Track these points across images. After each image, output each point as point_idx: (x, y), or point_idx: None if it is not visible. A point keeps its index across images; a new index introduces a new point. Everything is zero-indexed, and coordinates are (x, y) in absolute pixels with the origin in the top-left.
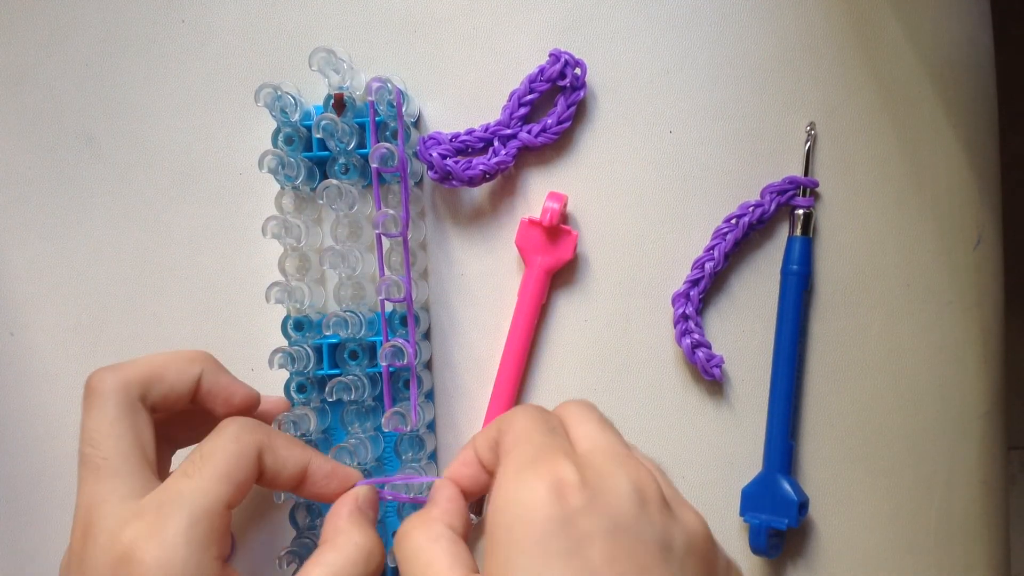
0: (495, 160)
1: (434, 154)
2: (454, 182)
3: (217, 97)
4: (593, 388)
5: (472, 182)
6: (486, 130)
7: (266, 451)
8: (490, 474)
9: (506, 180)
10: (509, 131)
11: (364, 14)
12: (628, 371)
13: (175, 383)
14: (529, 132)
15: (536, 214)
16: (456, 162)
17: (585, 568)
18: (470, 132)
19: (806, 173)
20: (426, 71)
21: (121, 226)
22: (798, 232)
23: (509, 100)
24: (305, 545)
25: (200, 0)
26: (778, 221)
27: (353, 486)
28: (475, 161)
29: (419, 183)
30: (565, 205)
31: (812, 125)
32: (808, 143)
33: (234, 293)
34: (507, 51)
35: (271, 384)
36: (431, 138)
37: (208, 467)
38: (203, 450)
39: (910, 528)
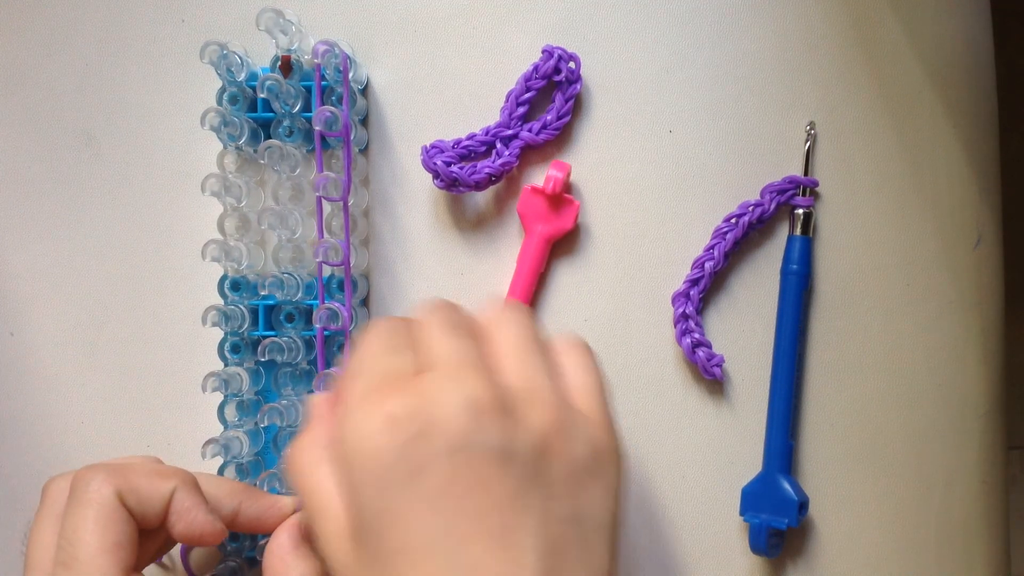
0: (499, 162)
1: (438, 162)
2: (461, 188)
3: None
4: None
5: (479, 186)
6: (487, 133)
7: (127, 494)
8: None
9: (508, 182)
10: (510, 131)
11: (364, 15)
12: (628, 371)
13: (147, 499)
14: (530, 130)
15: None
16: (461, 167)
17: (425, 494)
18: (471, 136)
19: (806, 173)
20: (425, 72)
21: (121, 226)
22: (798, 232)
23: (507, 101)
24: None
25: (200, 0)
26: (778, 221)
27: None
28: (480, 165)
29: (364, 150)
30: (568, 175)
31: (812, 125)
32: (808, 143)
33: None
34: (506, 52)
35: (205, 345)
36: (434, 147)
37: (80, 551)
38: (66, 533)
39: (910, 528)
